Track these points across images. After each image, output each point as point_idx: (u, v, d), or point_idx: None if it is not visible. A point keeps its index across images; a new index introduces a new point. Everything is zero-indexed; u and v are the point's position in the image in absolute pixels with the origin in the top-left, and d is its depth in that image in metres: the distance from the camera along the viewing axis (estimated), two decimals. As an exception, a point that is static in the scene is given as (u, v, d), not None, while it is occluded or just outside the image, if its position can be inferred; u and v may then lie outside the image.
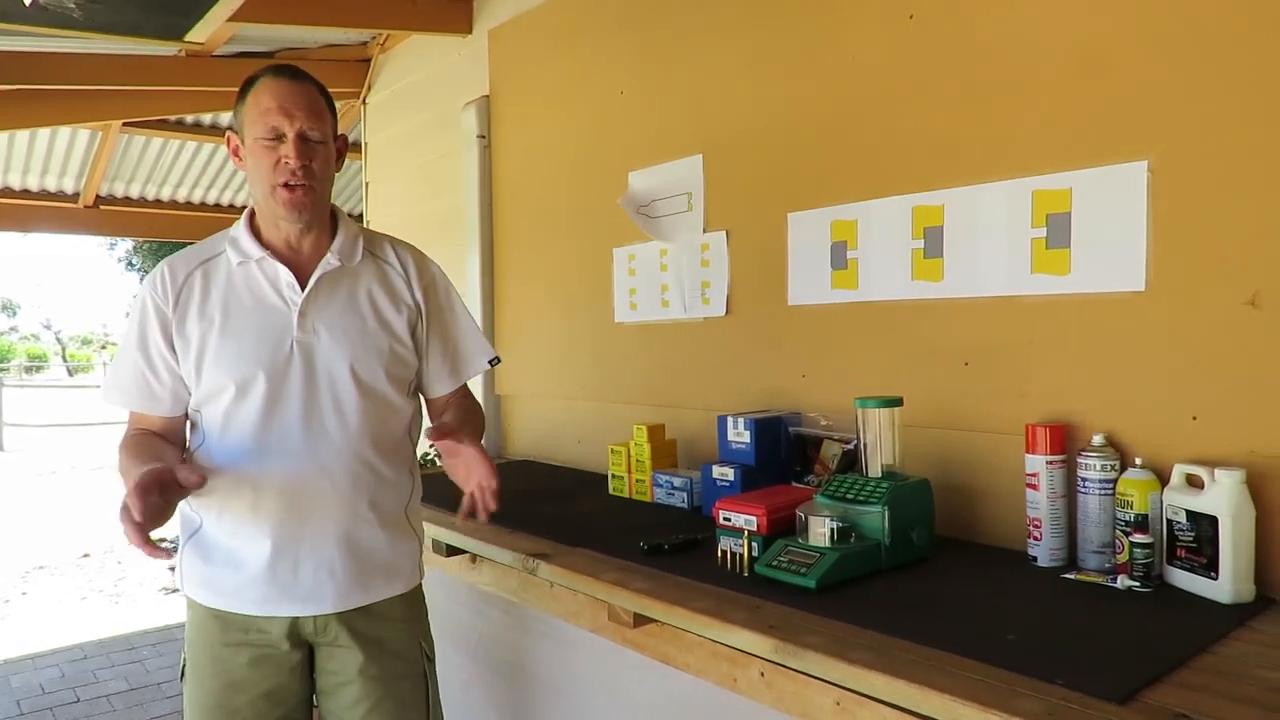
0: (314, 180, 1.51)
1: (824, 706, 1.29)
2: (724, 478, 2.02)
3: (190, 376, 1.53)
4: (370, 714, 1.58)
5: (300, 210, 1.51)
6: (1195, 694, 1.06)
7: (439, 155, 3.58)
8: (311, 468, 1.52)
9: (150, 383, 1.54)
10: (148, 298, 1.54)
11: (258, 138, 1.48)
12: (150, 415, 1.57)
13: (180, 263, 1.57)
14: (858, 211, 1.99)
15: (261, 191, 1.51)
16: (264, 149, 1.48)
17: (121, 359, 1.57)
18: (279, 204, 1.50)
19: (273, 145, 1.48)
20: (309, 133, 1.49)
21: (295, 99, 1.49)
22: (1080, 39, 1.61)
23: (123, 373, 1.56)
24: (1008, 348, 1.73)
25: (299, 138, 1.48)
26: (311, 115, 1.50)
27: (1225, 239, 1.44)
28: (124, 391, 1.56)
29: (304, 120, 1.48)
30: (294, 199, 1.49)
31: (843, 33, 2.00)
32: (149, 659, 4.26)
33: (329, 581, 1.53)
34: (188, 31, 3.19)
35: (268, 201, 1.51)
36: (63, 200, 5.31)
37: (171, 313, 1.52)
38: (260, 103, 1.48)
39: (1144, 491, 1.46)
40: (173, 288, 1.53)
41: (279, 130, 1.47)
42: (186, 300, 1.53)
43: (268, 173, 1.49)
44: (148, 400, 1.55)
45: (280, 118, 1.47)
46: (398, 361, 1.60)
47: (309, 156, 1.49)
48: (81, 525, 7.56)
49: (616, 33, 2.64)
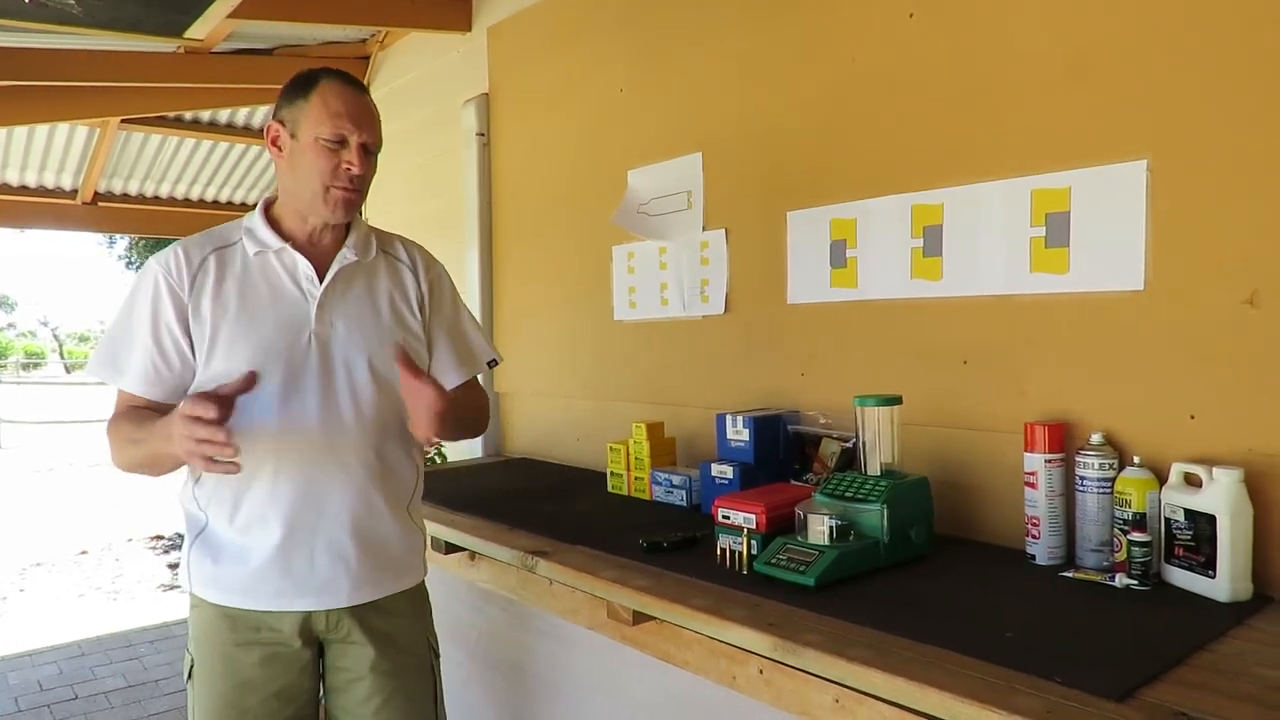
0: (364, 187, 1.58)
1: (823, 704, 1.29)
2: (723, 476, 2.02)
3: (200, 361, 1.51)
4: (381, 709, 1.59)
5: (349, 210, 1.57)
6: (1193, 692, 1.06)
7: (438, 153, 3.58)
8: (327, 458, 1.53)
9: (159, 367, 1.51)
10: (160, 279, 1.51)
11: (321, 138, 1.51)
12: (147, 398, 1.53)
13: (194, 246, 1.56)
14: (857, 210, 1.99)
15: (310, 189, 1.53)
16: (325, 150, 1.51)
17: (125, 338, 1.52)
18: (330, 204, 1.53)
19: (335, 149, 1.52)
20: (370, 144, 1.56)
21: (364, 109, 1.55)
22: (1080, 38, 1.61)
23: (127, 354, 1.51)
24: (1007, 346, 1.74)
25: (361, 147, 1.53)
26: (374, 128, 1.57)
27: (1224, 238, 1.45)
28: (127, 373, 1.51)
29: (369, 132, 1.55)
30: (348, 199, 1.55)
31: (842, 31, 2.01)
32: (147, 656, 4.26)
33: (344, 573, 1.54)
34: (187, 28, 3.19)
35: (316, 199, 1.53)
36: (61, 197, 5.30)
37: (187, 296, 1.51)
38: (330, 105, 1.51)
39: (1142, 490, 1.47)
40: (188, 270, 1.52)
41: (345, 136, 1.52)
42: (201, 284, 1.52)
43: (325, 173, 1.52)
44: (152, 385, 1.51)
45: (350, 125, 1.52)
46: (410, 351, 1.61)
47: (366, 166, 1.55)
48: (79, 522, 7.56)
49: (616, 30, 2.64)
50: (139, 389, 1.52)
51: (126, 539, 6.88)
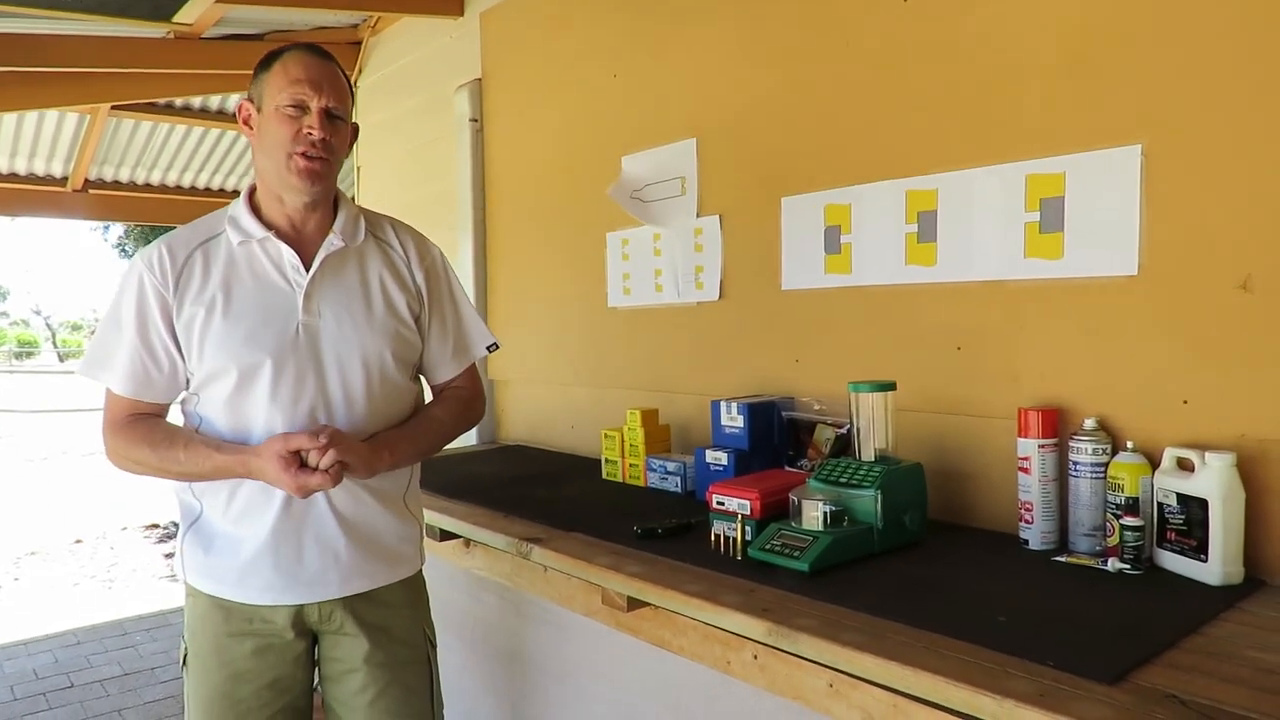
0: (331, 154, 1.51)
1: (817, 688, 1.30)
2: (717, 462, 2.03)
3: (190, 359, 1.50)
4: (376, 701, 1.58)
5: (314, 180, 1.50)
6: (1185, 675, 1.07)
7: (431, 139, 3.56)
8: None
9: (149, 369, 1.50)
10: (145, 279, 1.49)
11: (280, 106, 1.47)
12: (142, 400, 1.53)
13: (179, 243, 1.53)
14: (851, 196, 1.99)
15: (275, 160, 1.49)
16: (286, 118, 1.48)
17: (114, 339, 1.51)
18: (293, 172, 1.48)
19: (296, 115, 1.48)
20: (333, 108, 1.50)
21: (323, 73, 1.50)
22: (1074, 22, 1.60)
23: (117, 355, 1.50)
24: (1000, 332, 1.74)
25: (323, 111, 1.48)
26: (337, 92, 1.51)
27: (1218, 223, 1.44)
28: (118, 375, 1.50)
29: (330, 95, 1.49)
30: (310, 168, 1.49)
31: (837, 16, 1.99)
32: (142, 644, 4.26)
33: (334, 566, 1.53)
34: (176, 13, 3.17)
35: (280, 171, 1.49)
36: (52, 184, 5.26)
37: (172, 296, 1.49)
38: (289, 72, 1.48)
39: (1135, 475, 1.47)
40: (172, 269, 1.49)
41: (305, 101, 1.48)
42: (186, 282, 1.49)
43: (286, 140, 1.47)
44: (144, 387, 1.51)
45: (309, 89, 1.47)
46: (402, 343, 1.59)
47: (330, 131, 1.50)
48: (74, 511, 7.55)
49: (610, 15, 2.63)
50: (130, 390, 1.51)
51: (121, 528, 6.88)
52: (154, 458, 1.47)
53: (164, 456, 1.47)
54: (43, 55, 3.40)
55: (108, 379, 1.52)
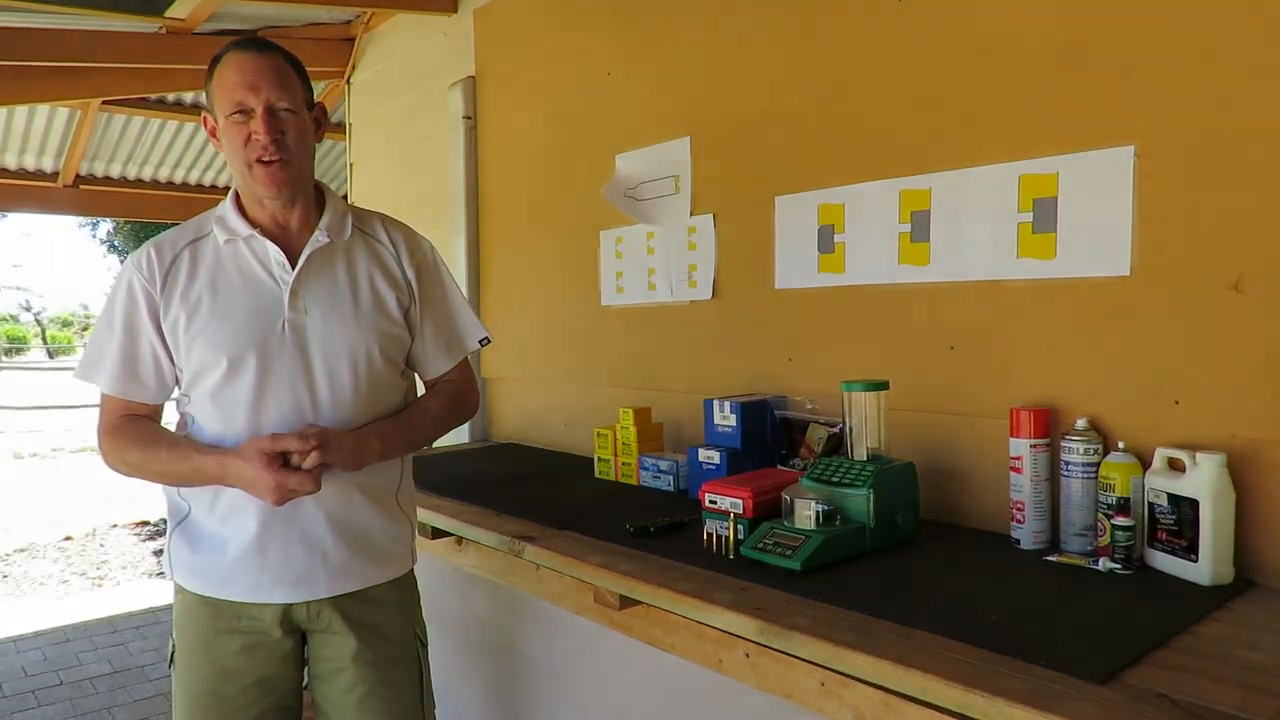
0: (288, 154, 1.47)
1: (808, 687, 1.30)
2: (710, 461, 2.03)
3: (178, 357, 1.50)
4: (364, 700, 1.57)
5: (279, 186, 1.47)
6: (1175, 674, 1.07)
7: (424, 136, 3.55)
8: None
9: (138, 370, 1.50)
10: (134, 280, 1.49)
11: (226, 115, 1.45)
12: (135, 402, 1.53)
13: (167, 244, 1.53)
14: (845, 195, 1.99)
15: (239, 170, 1.49)
16: (234, 126, 1.45)
17: (105, 341, 1.51)
18: (257, 181, 1.47)
19: (242, 121, 1.45)
20: (277, 105, 1.45)
21: (260, 71, 1.44)
22: (1068, 23, 1.61)
23: (108, 356, 1.51)
24: (993, 332, 1.74)
25: (267, 111, 1.44)
26: (278, 86, 1.45)
27: (1210, 224, 1.45)
28: (110, 376, 1.51)
29: (270, 92, 1.44)
30: (270, 174, 1.46)
31: (832, 16, 1.99)
32: (132, 641, 4.24)
33: (321, 565, 1.52)
34: (168, 7, 3.15)
35: (246, 180, 1.49)
36: (42, 179, 5.24)
37: (159, 296, 1.48)
38: (226, 79, 1.45)
39: (1126, 475, 1.48)
40: (160, 270, 1.49)
41: (246, 105, 1.44)
42: (174, 282, 1.49)
43: (240, 150, 1.46)
44: (134, 387, 1.51)
45: (245, 92, 1.43)
46: (390, 340, 1.58)
47: (280, 129, 1.45)
48: (63, 508, 7.51)
49: (604, 13, 2.62)
50: (120, 390, 1.51)
51: (111, 525, 6.84)
52: (140, 458, 1.48)
53: (149, 456, 1.47)
54: (33, 50, 3.38)
55: (100, 381, 1.52)
